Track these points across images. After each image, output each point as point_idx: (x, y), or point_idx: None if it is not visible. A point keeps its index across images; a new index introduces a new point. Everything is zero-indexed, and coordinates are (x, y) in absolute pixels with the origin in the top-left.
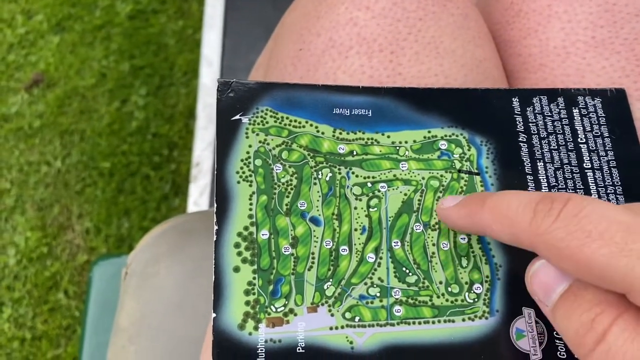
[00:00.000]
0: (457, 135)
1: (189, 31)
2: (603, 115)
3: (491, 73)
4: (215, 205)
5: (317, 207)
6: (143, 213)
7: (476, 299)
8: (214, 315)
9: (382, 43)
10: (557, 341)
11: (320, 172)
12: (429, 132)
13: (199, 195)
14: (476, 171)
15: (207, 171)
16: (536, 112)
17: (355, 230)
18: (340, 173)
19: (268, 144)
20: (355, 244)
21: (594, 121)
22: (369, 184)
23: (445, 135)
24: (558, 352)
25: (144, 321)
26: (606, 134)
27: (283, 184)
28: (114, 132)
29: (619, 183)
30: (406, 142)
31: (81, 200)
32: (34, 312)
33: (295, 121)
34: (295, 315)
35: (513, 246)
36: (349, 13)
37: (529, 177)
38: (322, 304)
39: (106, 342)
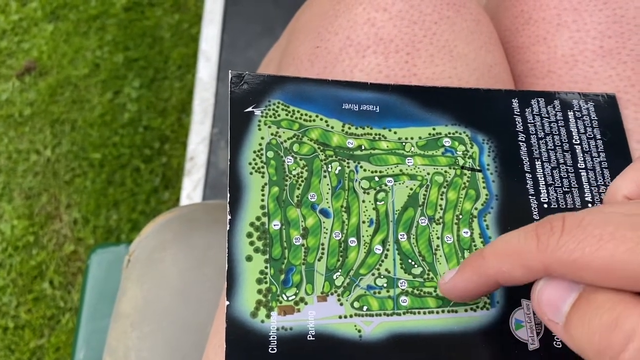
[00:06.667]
0: (460, 133)
1: (185, 25)
2: (596, 118)
3: (501, 77)
4: (228, 195)
5: (326, 199)
6: (132, 205)
7: None
8: (227, 303)
9: (398, 44)
10: None
11: (329, 166)
12: (434, 129)
13: (192, 189)
14: (478, 168)
15: (201, 165)
16: (534, 113)
17: (363, 222)
18: (349, 167)
19: (280, 136)
20: (363, 236)
21: (587, 124)
22: (377, 178)
23: (449, 133)
24: (554, 342)
25: (147, 307)
26: (598, 137)
27: (294, 176)
28: (106, 123)
29: (610, 183)
30: (412, 139)
31: (70, 190)
32: (18, 301)
33: (306, 115)
34: (306, 304)
35: None
36: (366, 13)
37: (527, 175)
38: (332, 294)
39: (102, 329)
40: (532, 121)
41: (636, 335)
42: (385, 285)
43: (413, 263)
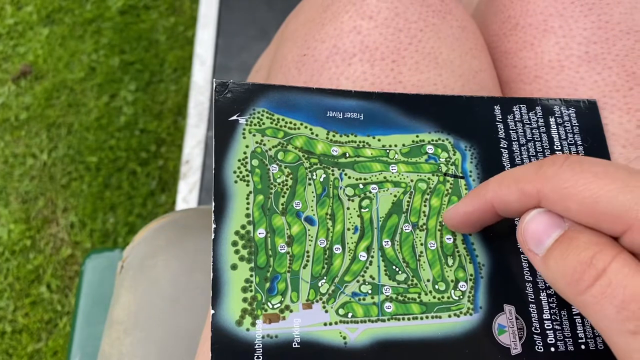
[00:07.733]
0: (443, 140)
1: (180, 28)
2: (577, 124)
3: (487, 83)
4: (213, 204)
5: (311, 207)
6: (129, 208)
7: (461, 296)
8: (212, 312)
9: (384, 52)
10: (535, 336)
11: (314, 173)
12: (417, 136)
13: (188, 192)
14: (461, 175)
15: (197, 169)
16: (516, 120)
17: (348, 229)
18: (333, 174)
19: (264, 144)
20: (348, 243)
21: (569, 130)
22: (361, 185)
23: (432, 140)
24: (536, 347)
25: (140, 313)
26: (579, 142)
27: (279, 184)
28: (102, 126)
29: None
30: (396, 146)
31: (67, 194)
32: (15, 305)
33: (291, 123)
34: (291, 311)
35: (495, 246)
36: (352, 21)
37: None
38: (317, 301)
39: (97, 334)
40: (514, 128)
41: (605, 274)
42: (369, 291)
43: (397, 269)
